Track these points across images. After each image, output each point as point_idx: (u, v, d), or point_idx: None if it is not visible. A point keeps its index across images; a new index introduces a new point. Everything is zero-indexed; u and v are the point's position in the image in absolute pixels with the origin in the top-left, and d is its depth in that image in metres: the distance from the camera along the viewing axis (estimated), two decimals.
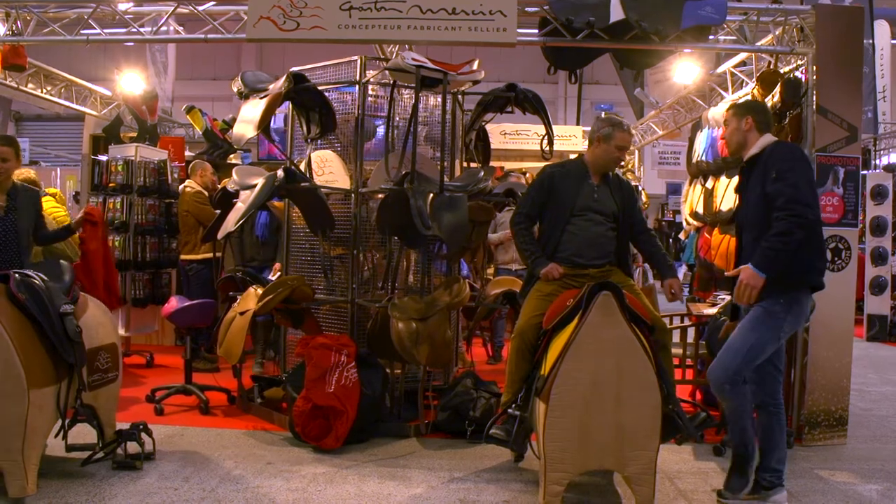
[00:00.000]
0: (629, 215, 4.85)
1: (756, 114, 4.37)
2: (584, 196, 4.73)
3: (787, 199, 3.99)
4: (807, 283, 4.19)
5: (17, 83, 8.57)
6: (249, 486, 4.52)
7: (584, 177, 4.78)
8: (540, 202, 4.83)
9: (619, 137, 4.73)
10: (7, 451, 4.10)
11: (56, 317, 4.37)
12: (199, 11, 6.31)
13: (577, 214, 4.71)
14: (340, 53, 6.34)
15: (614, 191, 4.82)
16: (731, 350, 4.18)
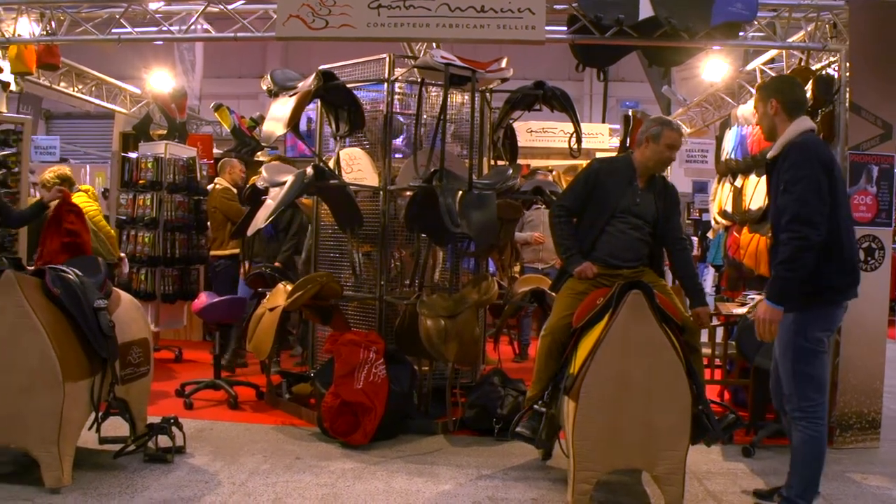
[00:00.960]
0: (667, 221, 4.74)
1: (781, 94, 4.04)
2: (627, 199, 4.64)
3: (790, 218, 3.76)
4: (824, 300, 3.92)
5: (50, 82, 8.68)
6: (279, 480, 4.56)
7: (630, 178, 4.68)
8: (583, 196, 4.72)
9: (669, 136, 4.60)
10: (43, 442, 4.18)
11: (90, 311, 4.44)
12: (229, 10, 6.35)
13: (617, 216, 4.63)
14: (366, 51, 6.36)
15: (658, 196, 4.71)
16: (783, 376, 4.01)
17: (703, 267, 10.34)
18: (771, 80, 4.69)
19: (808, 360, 3.89)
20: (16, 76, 7.76)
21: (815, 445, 3.92)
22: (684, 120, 11.23)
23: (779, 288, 3.82)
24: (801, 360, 3.89)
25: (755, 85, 4.71)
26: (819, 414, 3.91)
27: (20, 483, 4.31)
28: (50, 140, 14.09)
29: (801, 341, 3.89)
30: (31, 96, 10.76)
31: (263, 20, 6.45)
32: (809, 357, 3.90)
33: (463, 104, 6.48)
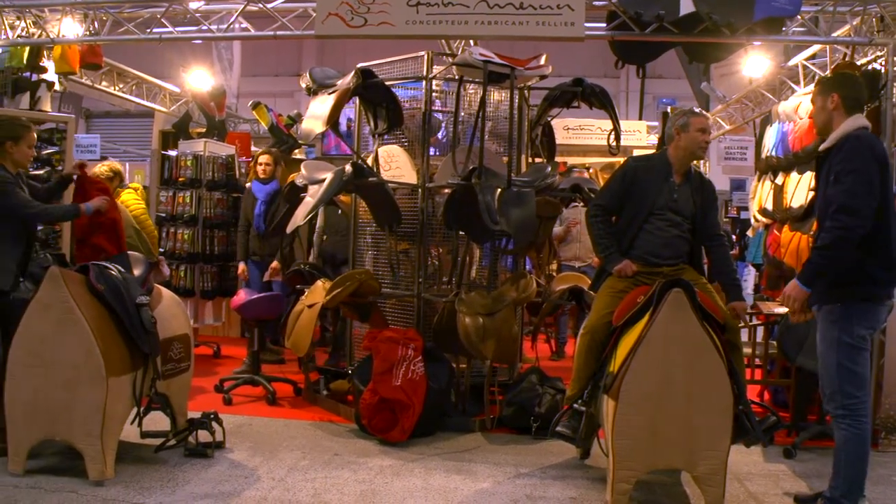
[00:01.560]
0: (704, 216, 4.70)
1: (843, 90, 4.01)
2: (664, 195, 4.60)
3: (837, 208, 3.75)
4: (866, 295, 3.88)
5: (92, 81, 8.80)
6: (317, 476, 4.58)
7: (666, 175, 4.64)
8: (620, 195, 4.70)
9: (697, 122, 4.59)
10: (87, 436, 4.26)
11: (132, 307, 4.51)
12: (269, 9, 6.39)
13: (655, 214, 4.59)
14: (402, 49, 6.37)
15: (695, 191, 4.67)
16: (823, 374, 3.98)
17: (742, 266, 10.20)
18: (835, 75, 4.63)
19: (852, 357, 3.87)
20: (60, 76, 7.89)
21: (858, 444, 3.87)
22: (723, 117, 11.13)
23: (811, 271, 3.85)
24: (845, 357, 3.87)
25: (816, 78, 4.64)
26: (862, 411, 3.87)
27: (65, 475, 4.38)
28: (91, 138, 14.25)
29: (844, 337, 3.86)
30: (71, 95, 10.92)
31: (302, 18, 6.49)
32: (853, 353, 3.87)
33: (500, 101, 6.46)
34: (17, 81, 7.60)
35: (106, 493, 4.17)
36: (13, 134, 4.72)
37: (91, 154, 12.60)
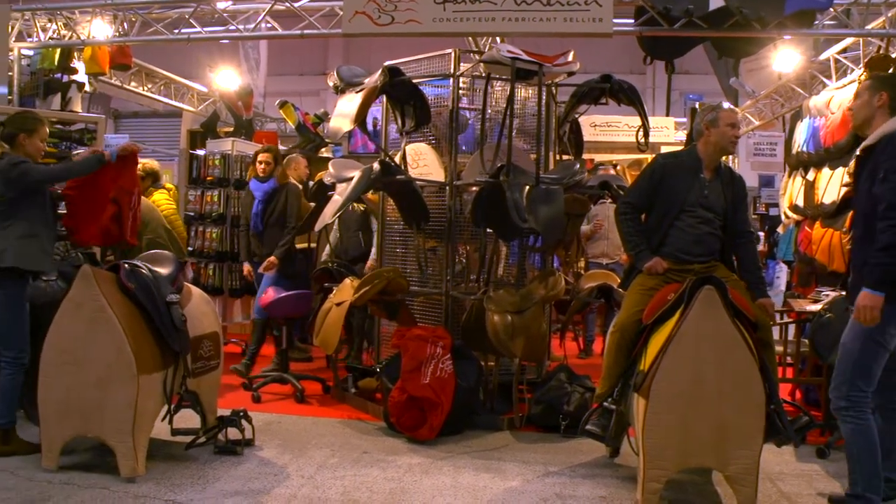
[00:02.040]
0: (735, 212, 4.65)
1: (893, 90, 3.97)
2: (694, 192, 4.56)
3: (888, 206, 3.71)
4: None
5: (122, 82, 8.88)
6: (346, 473, 4.59)
7: (696, 171, 4.60)
8: (648, 192, 4.67)
9: (726, 116, 4.56)
10: (119, 433, 4.29)
11: (163, 305, 4.55)
12: (296, 7, 6.42)
13: (686, 211, 4.55)
14: (427, 47, 6.36)
15: (725, 187, 4.62)
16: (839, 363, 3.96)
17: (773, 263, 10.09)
18: (887, 75, 4.56)
19: (874, 354, 3.85)
20: (90, 77, 7.97)
21: (867, 435, 3.86)
22: (752, 112, 11.04)
23: (879, 274, 3.76)
24: (867, 353, 3.85)
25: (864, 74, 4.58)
26: (864, 405, 3.87)
27: (97, 471, 4.43)
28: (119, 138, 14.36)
29: (875, 334, 3.82)
30: (100, 96, 11.04)
31: (328, 17, 6.51)
32: (876, 351, 3.85)
33: (527, 98, 6.44)
34: (49, 83, 7.69)
35: (137, 489, 4.20)
36: (27, 127, 4.74)
37: None
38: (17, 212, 4.60)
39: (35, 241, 4.61)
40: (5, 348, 4.51)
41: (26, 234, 4.58)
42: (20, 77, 7.43)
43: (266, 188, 7.21)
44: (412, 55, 6.44)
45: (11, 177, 4.54)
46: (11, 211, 4.60)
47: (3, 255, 4.50)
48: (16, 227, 4.57)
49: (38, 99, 7.63)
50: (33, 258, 4.60)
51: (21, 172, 4.58)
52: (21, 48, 7.35)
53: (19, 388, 4.56)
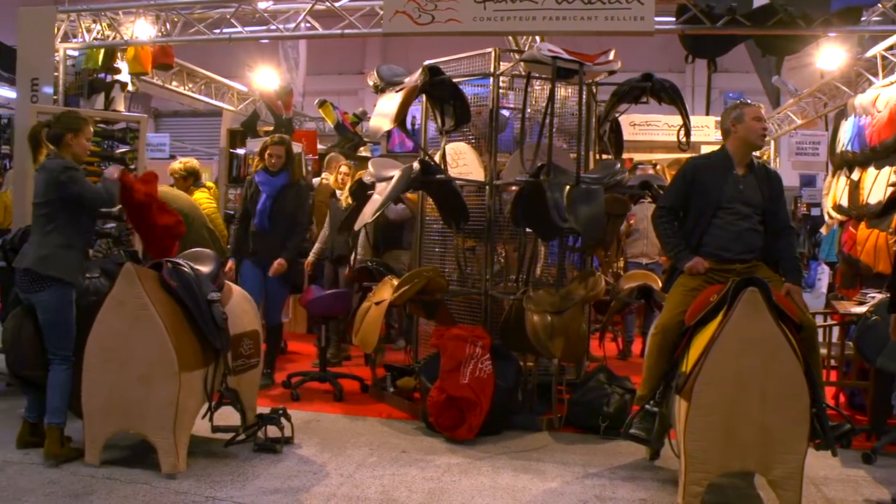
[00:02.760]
0: (775, 208, 4.61)
1: None
2: (729, 187, 4.53)
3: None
4: None
5: (163, 81, 8.98)
6: (385, 473, 4.59)
7: (728, 168, 4.58)
8: (683, 194, 4.66)
9: (750, 111, 4.57)
10: (160, 430, 4.34)
11: (204, 303, 4.58)
12: (336, 7, 6.44)
13: (722, 207, 4.51)
14: (467, 46, 6.34)
15: (761, 182, 4.59)
16: None
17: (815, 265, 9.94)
18: None
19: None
20: (133, 76, 8.07)
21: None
22: (795, 111, 10.87)
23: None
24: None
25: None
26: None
27: (138, 467, 4.47)
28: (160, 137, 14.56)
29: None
30: (141, 96, 11.19)
31: (367, 17, 6.52)
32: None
33: (567, 97, 6.40)
34: (93, 83, 7.80)
35: (178, 485, 4.23)
36: (74, 127, 4.70)
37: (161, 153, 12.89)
38: (57, 219, 4.56)
39: (72, 252, 4.58)
40: (56, 348, 4.52)
41: (65, 245, 4.55)
42: (65, 77, 7.54)
43: (278, 183, 6.51)
44: (450, 54, 6.43)
45: (60, 179, 4.52)
46: (52, 217, 4.56)
47: (47, 262, 4.48)
48: (56, 236, 4.54)
49: (82, 98, 7.74)
50: (70, 270, 4.55)
51: (70, 179, 4.53)
52: (66, 49, 7.46)
53: (70, 388, 4.56)
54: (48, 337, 4.53)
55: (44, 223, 4.57)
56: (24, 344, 4.55)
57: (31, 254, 4.53)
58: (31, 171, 6.40)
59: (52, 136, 4.65)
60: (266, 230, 6.45)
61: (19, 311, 4.58)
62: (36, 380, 4.58)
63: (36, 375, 4.57)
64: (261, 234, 6.50)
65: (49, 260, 4.48)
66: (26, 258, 4.54)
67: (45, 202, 4.56)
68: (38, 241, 4.55)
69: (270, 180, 6.52)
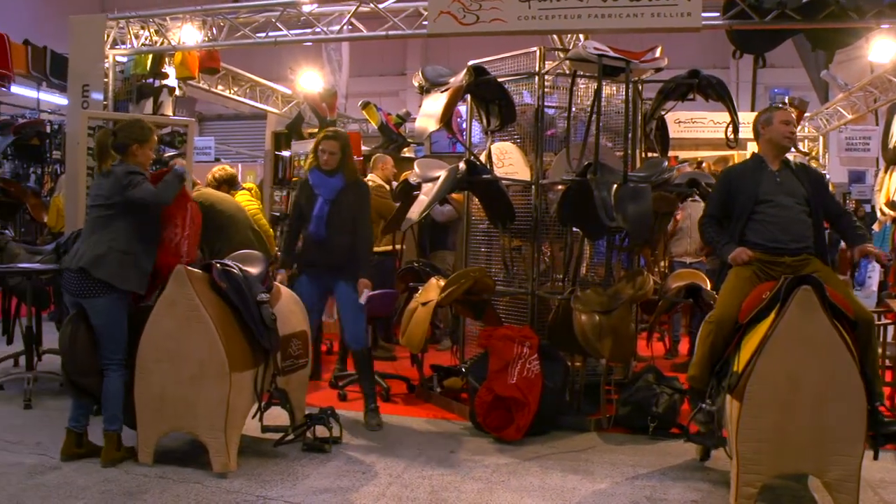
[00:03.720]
0: (822, 200, 4.60)
1: None
2: (766, 182, 4.56)
3: None
4: None
5: (209, 85, 9.09)
6: (434, 473, 4.59)
7: (762, 167, 4.64)
8: (724, 200, 4.72)
9: (779, 115, 4.64)
10: (212, 429, 4.38)
11: (254, 304, 4.61)
12: (380, 9, 6.46)
13: (762, 201, 4.52)
14: (509, 45, 6.32)
15: (800, 175, 4.62)
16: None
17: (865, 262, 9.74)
18: None
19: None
20: (180, 81, 8.18)
21: None
22: (845, 106, 10.67)
23: None
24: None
25: None
26: None
27: (190, 466, 4.53)
28: (205, 140, 14.81)
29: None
30: (186, 100, 11.35)
31: (411, 18, 6.54)
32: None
33: (612, 95, 6.35)
34: (141, 87, 7.92)
35: (229, 484, 4.28)
36: (140, 137, 4.74)
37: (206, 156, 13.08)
38: (120, 222, 4.57)
39: (130, 259, 4.55)
40: (110, 353, 4.53)
41: (124, 251, 4.53)
42: (114, 83, 7.67)
43: (335, 185, 5.66)
44: (492, 53, 6.41)
45: (123, 183, 4.54)
46: (116, 219, 4.57)
47: (101, 265, 4.46)
48: (118, 240, 4.53)
49: (131, 103, 7.87)
50: (127, 277, 4.53)
51: (133, 183, 4.55)
52: (115, 55, 7.59)
53: (124, 394, 4.58)
54: (101, 343, 4.54)
55: (103, 223, 4.58)
56: (79, 350, 4.53)
57: (87, 253, 4.52)
58: (82, 176, 6.56)
59: (117, 145, 4.69)
60: (322, 238, 5.63)
61: (74, 315, 4.58)
62: (90, 387, 4.56)
63: (89, 382, 4.55)
64: (317, 242, 5.67)
65: (103, 263, 4.48)
66: (81, 258, 4.51)
67: (109, 204, 4.57)
68: (96, 241, 4.54)
69: (326, 181, 5.66)
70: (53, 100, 13.04)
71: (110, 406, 4.55)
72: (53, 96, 12.72)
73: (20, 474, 4.36)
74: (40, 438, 4.97)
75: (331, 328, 9.30)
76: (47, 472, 4.40)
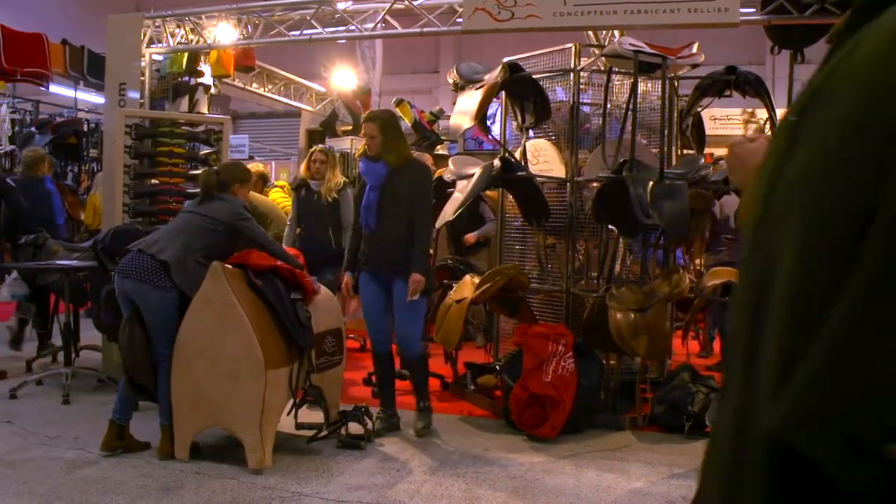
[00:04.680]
0: None
1: None
2: None
3: None
4: None
5: (244, 83, 9.14)
6: (468, 471, 4.58)
7: None
8: None
9: None
10: (248, 426, 4.41)
11: (289, 302, 4.63)
12: (415, 6, 6.45)
13: None
14: (544, 41, 6.29)
15: None
16: None
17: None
18: None
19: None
20: (215, 79, 8.23)
21: None
22: None
23: None
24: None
25: None
26: None
27: (226, 462, 4.56)
28: (239, 138, 14.93)
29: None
30: (220, 98, 11.43)
31: (445, 15, 6.52)
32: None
33: (647, 92, 6.30)
34: (178, 86, 7.97)
35: (265, 481, 4.30)
36: (241, 178, 4.98)
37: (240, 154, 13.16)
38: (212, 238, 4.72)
39: (202, 270, 4.58)
40: (164, 347, 4.56)
41: (201, 262, 4.59)
42: (151, 81, 7.73)
43: (379, 171, 5.17)
44: (525, 50, 6.40)
45: (237, 212, 4.78)
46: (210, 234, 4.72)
47: (177, 268, 4.53)
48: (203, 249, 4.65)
49: (167, 101, 7.92)
50: (195, 286, 4.57)
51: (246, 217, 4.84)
52: (152, 53, 7.65)
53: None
54: (154, 338, 4.58)
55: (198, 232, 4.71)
56: (137, 349, 4.58)
57: (169, 250, 4.57)
58: (119, 174, 6.63)
59: (220, 183, 4.85)
60: (372, 230, 5.18)
61: (130, 316, 4.60)
62: (148, 385, 4.63)
63: (147, 380, 4.62)
64: (369, 237, 5.25)
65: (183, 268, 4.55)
66: (162, 251, 4.56)
67: (213, 219, 4.73)
68: (185, 244, 4.63)
69: (372, 167, 5.21)
70: (90, 98, 13.21)
71: (165, 400, 4.60)
72: (90, 95, 12.89)
73: (60, 468, 4.42)
74: (78, 433, 5.03)
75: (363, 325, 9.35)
76: (85, 467, 4.46)
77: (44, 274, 6.64)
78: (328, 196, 6.58)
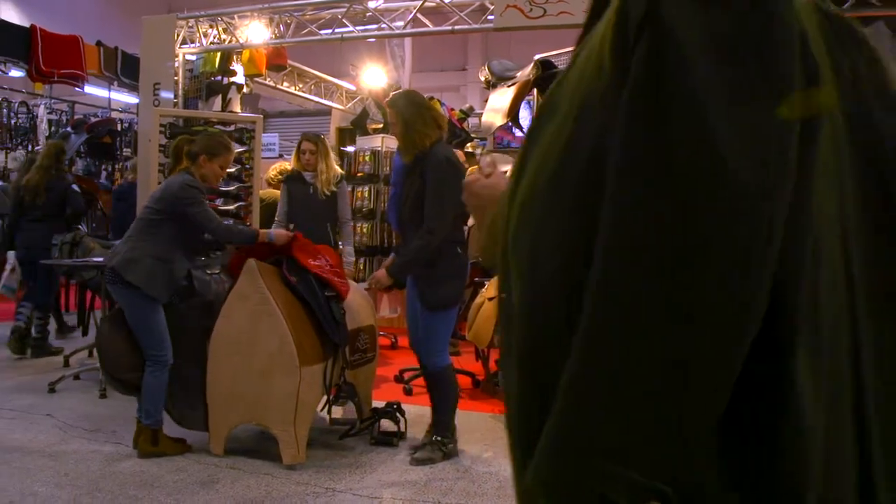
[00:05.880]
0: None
1: None
2: None
3: None
4: None
5: (275, 82, 9.20)
6: (501, 468, 4.57)
7: None
8: None
9: None
10: (282, 422, 4.43)
11: (323, 299, 4.64)
12: (446, 3, 6.46)
13: None
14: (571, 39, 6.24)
15: None
16: None
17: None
18: None
19: None
20: (247, 78, 8.29)
21: None
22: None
23: None
24: None
25: None
26: None
27: (260, 458, 4.60)
28: (270, 137, 14.95)
29: None
30: (250, 97, 11.50)
31: (476, 13, 6.52)
32: None
33: None
34: (210, 85, 8.05)
35: (299, 476, 4.34)
36: (209, 150, 4.74)
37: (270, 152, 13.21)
38: (161, 228, 4.57)
39: (165, 266, 4.51)
40: (147, 347, 4.52)
41: (161, 257, 4.50)
42: (184, 81, 7.81)
43: (398, 165, 4.99)
44: (553, 48, 6.36)
45: (178, 195, 4.54)
46: (158, 224, 4.57)
47: (133, 269, 4.44)
48: (155, 244, 4.52)
49: (200, 101, 8.00)
50: (156, 285, 4.49)
51: (191, 199, 4.55)
52: (185, 53, 7.73)
53: (164, 388, 4.58)
54: (138, 337, 4.54)
55: (146, 226, 4.59)
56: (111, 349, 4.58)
57: (122, 254, 4.54)
58: (154, 172, 6.70)
59: (190, 153, 4.75)
60: (397, 231, 4.85)
61: (111, 314, 4.63)
62: (134, 381, 4.57)
63: (131, 377, 4.57)
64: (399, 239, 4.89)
65: (134, 266, 4.46)
66: (116, 256, 4.56)
67: (157, 209, 4.59)
68: (133, 244, 4.55)
69: (396, 162, 4.97)
70: (124, 98, 13.37)
71: (145, 400, 4.56)
72: (124, 95, 13.04)
73: (99, 461, 4.49)
74: (115, 427, 5.10)
75: (394, 322, 9.38)
76: (123, 461, 4.51)
77: (80, 271, 6.73)
78: (325, 189, 6.00)
